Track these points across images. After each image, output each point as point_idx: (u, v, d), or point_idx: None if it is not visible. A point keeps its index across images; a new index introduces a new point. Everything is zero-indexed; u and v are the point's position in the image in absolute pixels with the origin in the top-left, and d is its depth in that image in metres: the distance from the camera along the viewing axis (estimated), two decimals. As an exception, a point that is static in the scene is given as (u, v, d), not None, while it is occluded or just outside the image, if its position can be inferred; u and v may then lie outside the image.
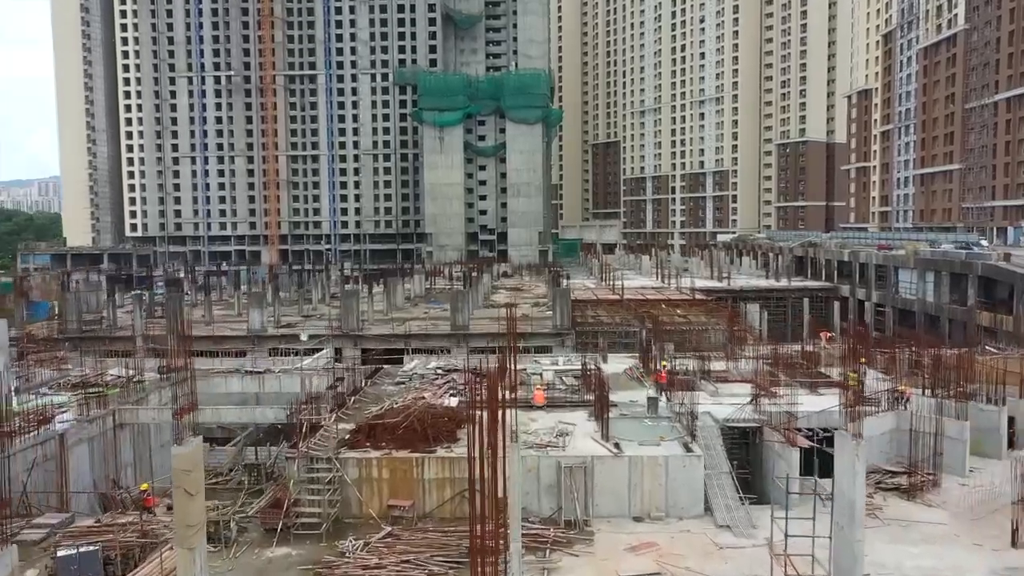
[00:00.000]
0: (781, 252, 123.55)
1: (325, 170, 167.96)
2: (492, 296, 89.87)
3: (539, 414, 31.36)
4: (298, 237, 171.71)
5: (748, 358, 41.05)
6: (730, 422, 29.71)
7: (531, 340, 59.95)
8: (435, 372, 37.39)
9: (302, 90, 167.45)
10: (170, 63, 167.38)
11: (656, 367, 39.37)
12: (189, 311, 67.82)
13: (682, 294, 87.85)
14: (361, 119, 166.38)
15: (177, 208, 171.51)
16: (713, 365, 40.88)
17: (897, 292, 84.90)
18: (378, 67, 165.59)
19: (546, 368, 39.15)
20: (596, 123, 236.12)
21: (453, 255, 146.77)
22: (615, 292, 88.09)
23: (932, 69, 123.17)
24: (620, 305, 79.26)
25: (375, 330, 61.81)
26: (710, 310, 76.85)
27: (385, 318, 68.83)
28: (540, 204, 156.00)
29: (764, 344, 48.24)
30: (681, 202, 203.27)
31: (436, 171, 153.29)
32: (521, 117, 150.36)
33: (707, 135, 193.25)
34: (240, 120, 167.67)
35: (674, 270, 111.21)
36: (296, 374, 39.62)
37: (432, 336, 60.29)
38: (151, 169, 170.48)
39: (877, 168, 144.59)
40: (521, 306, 79.29)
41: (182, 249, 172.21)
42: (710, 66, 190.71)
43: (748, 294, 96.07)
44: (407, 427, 27.38)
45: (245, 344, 61.72)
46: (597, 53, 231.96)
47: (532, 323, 63.21)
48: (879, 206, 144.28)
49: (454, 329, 60.27)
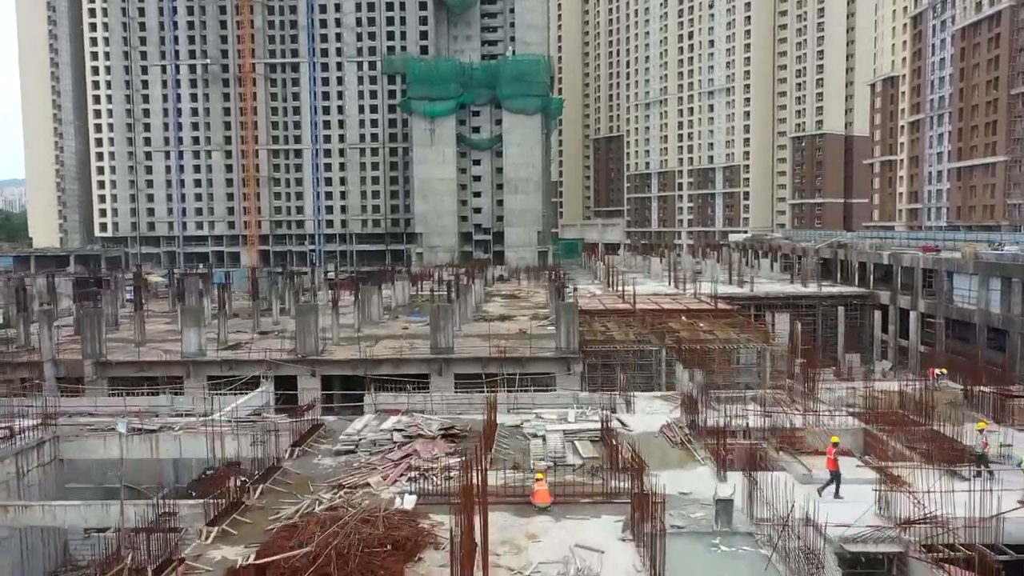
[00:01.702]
0: (804, 253, 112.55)
1: (308, 165, 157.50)
2: (485, 305, 78.54)
3: (542, 522, 20.07)
4: (280, 237, 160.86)
5: (829, 410, 29.69)
6: (852, 543, 18.38)
7: (530, 366, 48.70)
8: (390, 437, 26.00)
9: (284, 80, 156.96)
10: (142, 51, 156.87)
11: (701, 419, 28.04)
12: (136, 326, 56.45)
13: (701, 302, 76.83)
14: (347, 111, 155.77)
15: (150, 206, 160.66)
16: (776, 414, 29.62)
17: (951, 301, 73.70)
18: (365, 55, 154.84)
19: (551, 427, 27.78)
20: (598, 116, 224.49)
21: (445, 257, 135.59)
22: (624, 300, 77.11)
23: (971, 52, 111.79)
24: (632, 316, 68.22)
25: (339, 353, 50.44)
26: (738, 323, 65.66)
27: (356, 335, 57.59)
28: (539, 201, 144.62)
29: (844, 378, 36.52)
30: (688, 199, 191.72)
31: (426, 166, 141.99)
32: (519, 107, 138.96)
33: (716, 128, 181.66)
34: (217, 112, 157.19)
35: (685, 273, 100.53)
36: (203, 433, 28.27)
37: (407, 360, 48.93)
38: (122, 165, 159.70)
39: (905, 162, 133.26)
40: (518, 318, 68.07)
41: (156, 250, 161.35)
42: (720, 54, 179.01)
43: (774, 301, 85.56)
44: (320, 571, 16.00)
45: (180, 370, 50.49)
46: (599, 42, 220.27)
47: (531, 342, 51.96)
48: (907, 203, 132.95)
49: (434, 352, 48.94)
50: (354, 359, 48.56)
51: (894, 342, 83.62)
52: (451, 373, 48.76)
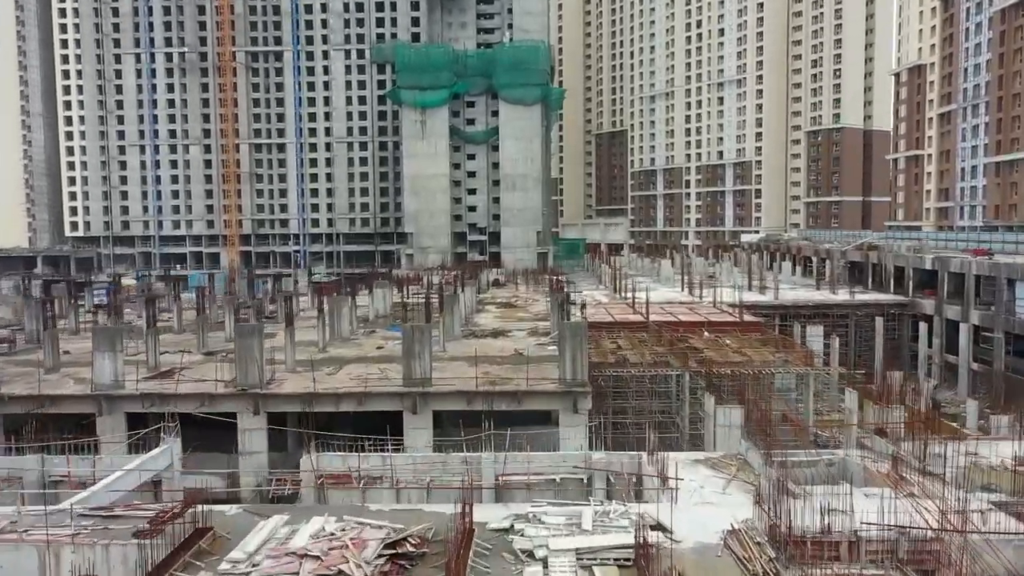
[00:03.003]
0: (829, 256, 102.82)
1: (293, 161, 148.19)
2: (477, 316, 68.67)
3: None
4: (263, 237, 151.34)
5: (972, 503, 19.91)
6: None
7: (527, 401, 38.82)
8: (297, 571, 16.22)
9: (266, 69, 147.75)
10: (115, 38, 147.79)
11: (781, 519, 18.43)
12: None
13: (723, 312, 67.19)
14: (334, 102, 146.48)
15: (124, 204, 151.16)
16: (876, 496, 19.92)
17: (1012, 313, 64.05)
18: (353, 43, 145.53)
19: (556, 542, 17.95)
20: (600, 110, 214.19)
21: (436, 258, 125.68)
22: (635, 309, 67.44)
23: (1011, 35, 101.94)
24: (646, 330, 58.54)
25: (289, 384, 40.55)
26: (771, 339, 55.88)
27: (320, 355, 47.83)
28: (538, 199, 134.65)
29: (957, 434, 26.24)
30: (696, 197, 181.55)
31: (417, 160, 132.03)
32: (517, 97, 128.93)
33: (727, 122, 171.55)
34: (195, 104, 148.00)
35: (701, 278, 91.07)
36: (33, 547, 18.43)
37: (373, 396, 39.03)
38: (94, 160, 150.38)
39: (934, 156, 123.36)
40: (514, 333, 58.10)
41: (130, 251, 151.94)
42: (730, 43, 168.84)
43: (802, 311, 75.99)
44: None
45: (90, 406, 40.59)
46: (601, 32, 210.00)
47: (528, 366, 41.99)
48: (936, 201, 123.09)
49: (408, 384, 39.07)
50: (307, 394, 38.70)
51: (939, 358, 74.06)
52: (428, 411, 38.85)
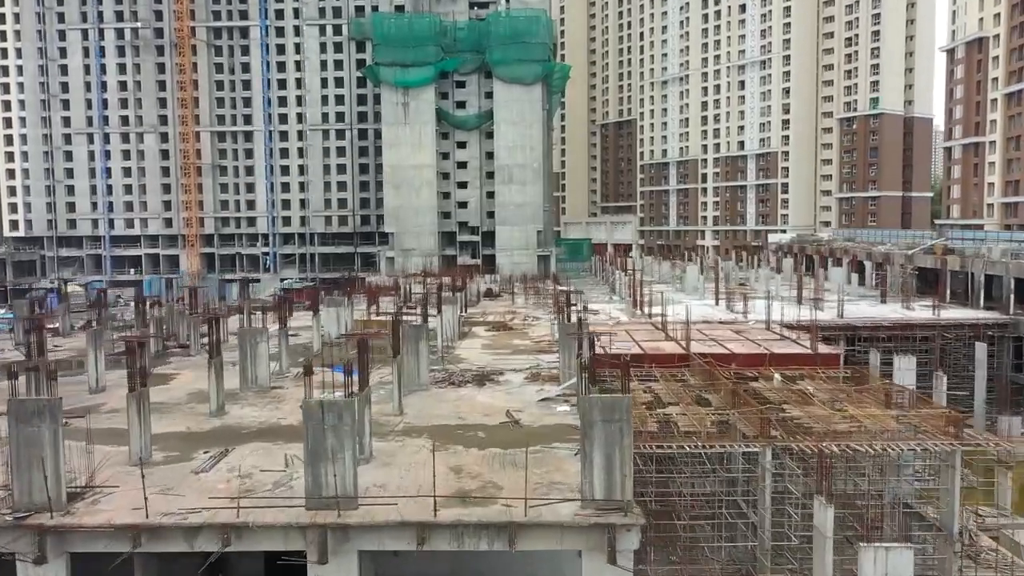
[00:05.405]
0: (889, 261, 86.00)
1: (261, 151, 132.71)
2: (460, 344, 51.45)
3: None
4: (227, 237, 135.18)
5: None
6: None
7: (526, 538, 21.63)
8: None
9: (230, 47, 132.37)
10: (59, 12, 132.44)
11: None
12: None
13: (783, 338, 50.59)
14: (307, 84, 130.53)
15: (70, 200, 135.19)
16: None
17: None
18: (328, 17, 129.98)
19: None
20: (606, 98, 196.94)
21: (419, 261, 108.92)
22: (668, 334, 50.57)
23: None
24: (688, 366, 41.89)
25: (118, 500, 23.28)
26: (874, 386, 38.59)
27: (208, 427, 30.87)
28: (539, 194, 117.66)
29: None
30: (714, 193, 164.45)
31: (398, 149, 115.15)
32: (514, 75, 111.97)
33: (748, 109, 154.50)
34: (150, 87, 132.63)
35: (744, 292, 74.73)
36: None
37: (250, 530, 21.82)
38: (36, 150, 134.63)
39: (999, 143, 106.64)
40: (506, 377, 40.76)
41: (78, 253, 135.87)
42: (753, 20, 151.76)
43: (879, 333, 59.39)
44: None
45: None
46: (607, 12, 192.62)
47: (528, 449, 24.48)
48: (1001, 195, 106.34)
49: (312, 507, 21.95)
50: (129, 525, 21.44)
51: (1062, 395, 57.32)
52: (352, 553, 21.64)
